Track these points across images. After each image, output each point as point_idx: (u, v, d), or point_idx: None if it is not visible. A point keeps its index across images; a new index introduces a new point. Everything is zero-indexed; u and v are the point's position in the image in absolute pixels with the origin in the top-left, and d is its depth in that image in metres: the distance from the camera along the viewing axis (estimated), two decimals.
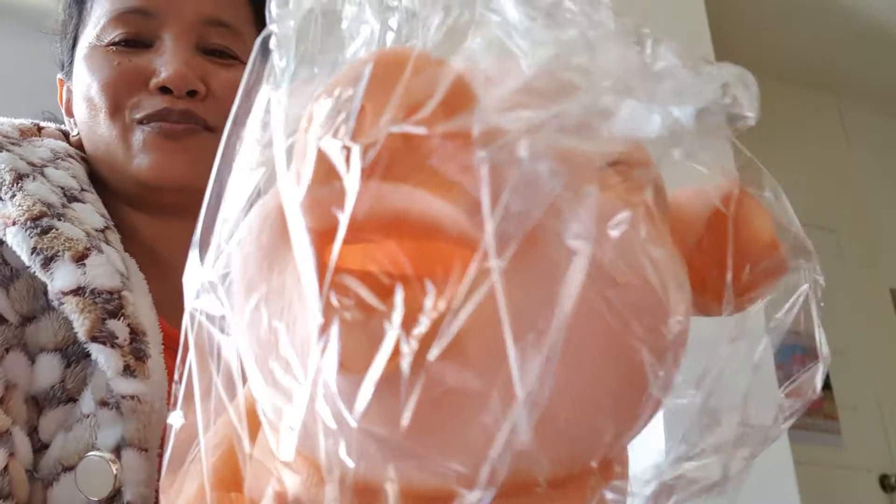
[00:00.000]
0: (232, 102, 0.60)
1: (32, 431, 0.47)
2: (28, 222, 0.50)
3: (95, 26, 0.63)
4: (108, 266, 0.50)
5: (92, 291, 0.48)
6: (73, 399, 0.48)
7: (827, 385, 2.78)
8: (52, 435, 0.47)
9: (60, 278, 0.48)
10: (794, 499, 1.84)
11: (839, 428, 2.70)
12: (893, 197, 3.36)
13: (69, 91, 0.68)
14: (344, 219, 0.20)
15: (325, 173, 0.21)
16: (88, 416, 0.46)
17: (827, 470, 2.54)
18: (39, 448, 0.47)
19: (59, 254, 0.49)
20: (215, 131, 0.61)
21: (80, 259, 0.49)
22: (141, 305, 0.53)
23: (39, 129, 0.66)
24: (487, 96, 0.22)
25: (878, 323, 3.03)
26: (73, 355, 0.48)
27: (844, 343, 2.90)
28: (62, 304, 0.48)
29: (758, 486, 1.62)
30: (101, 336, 0.47)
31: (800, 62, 3.28)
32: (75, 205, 0.55)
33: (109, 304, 0.48)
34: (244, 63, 0.63)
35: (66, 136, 0.68)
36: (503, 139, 0.20)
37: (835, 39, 3.15)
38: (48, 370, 0.48)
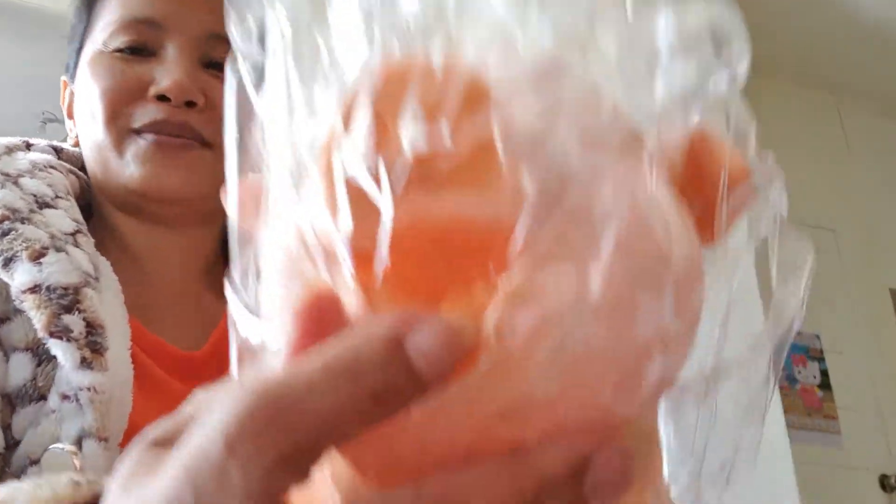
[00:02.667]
0: None
1: (6, 429, 0.49)
2: None
3: (103, 32, 0.64)
4: (66, 264, 0.52)
5: (47, 288, 0.50)
6: (43, 397, 0.49)
7: (827, 385, 2.78)
8: (24, 432, 0.48)
9: (19, 277, 0.50)
10: (794, 499, 1.84)
11: (839, 428, 2.70)
12: (893, 197, 3.36)
13: (72, 94, 0.69)
14: (382, 245, 0.21)
15: (360, 198, 0.21)
16: (55, 411, 0.48)
17: (827, 470, 2.54)
18: (12, 445, 0.48)
19: (18, 254, 0.51)
20: (211, 147, 0.62)
21: (37, 258, 0.51)
22: (108, 303, 0.54)
23: (28, 145, 0.67)
24: (498, 88, 0.22)
25: (877, 323, 3.03)
26: (43, 354, 0.50)
27: (844, 343, 2.90)
28: (22, 302, 0.49)
29: (758, 485, 1.62)
30: (58, 331, 0.48)
31: (799, 62, 3.28)
32: (46, 210, 0.57)
33: (64, 300, 0.49)
34: None
35: (56, 151, 0.69)
36: (526, 129, 0.21)
37: (834, 40, 3.15)
38: (20, 369, 0.50)
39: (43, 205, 0.57)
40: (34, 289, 0.49)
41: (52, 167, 0.63)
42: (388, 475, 0.21)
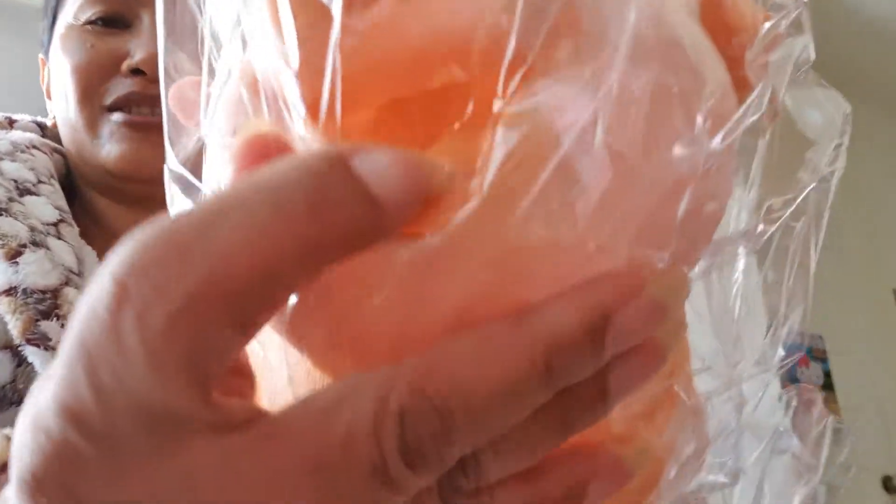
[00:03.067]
0: None
1: None
2: None
3: (73, 4, 0.61)
4: (45, 263, 0.49)
5: (24, 291, 0.47)
6: (23, 400, 0.47)
7: (829, 386, 2.77)
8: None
9: None
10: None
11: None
12: (895, 197, 3.35)
13: (49, 73, 0.66)
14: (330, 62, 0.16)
15: (307, 5, 0.17)
16: None
17: (828, 470, 2.53)
18: None
19: None
20: None
21: (13, 257, 0.48)
22: None
23: (11, 122, 0.65)
24: None
25: (880, 323, 3.02)
26: (24, 355, 0.47)
27: (846, 343, 2.89)
28: None
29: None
30: (34, 338, 0.46)
31: None
32: (27, 198, 0.54)
33: (42, 305, 0.47)
34: None
35: (41, 127, 0.66)
36: None
37: (836, 39, 3.14)
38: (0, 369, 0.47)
39: (24, 191, 0.54)
40: (9, 291, 0.47)
41: (35, 147, 0.61)
42: (360, 349, 0.17)
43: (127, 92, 0.58)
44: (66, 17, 0.61)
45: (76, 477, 0.15)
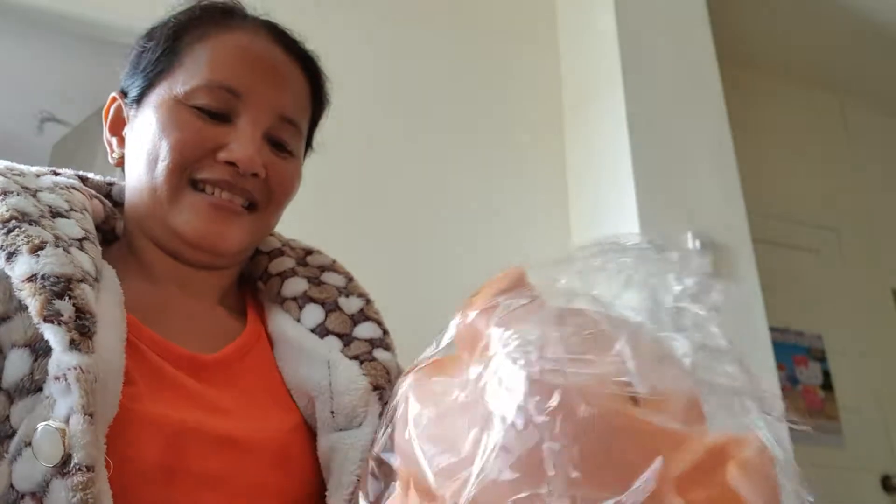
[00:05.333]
0: (281, 190, 0.71)
1: (5, 420, 0.51)
2: None
3: (184, 84, 0.68)
4: (63, 257, 0.55)
5: (42, 276, 0.53)
6: (40, 388, 0.51)
7: (828, 385, 2.77)
8: (20, 421, 0.50)
9: (18, 268, 0.53)
10: None
11: (840, 429, 2.69)
12: (895, 196, 3.35)
13: (122, 113, 0.74)
14: None
15: None
16: (48, 397, 0.50)
17: (828, 471, 2.53)
18: (10, 434, 0.50)
19: (20, 248, 0.54)
20: (257, 209, 0.70)
21: (35, 251, 0.54)
22: (106, 302, 0.57)
23: (56, 174, 0.71)
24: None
25: (879, 323, 3.02)
26: (41, 350, 0.52)
27: (846, 343, 2.89)
28: (21, 291, 0.52)
29: None
30: (50, 315, 0.51)
31: (801, 62, 3.28)
32: (58, 220, 0.60)
33: (56, 287, 0.52)
34: (296, 157, 0.74)
35: (81, 179, 0.73)
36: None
37: (836, 39, 3.15)
38: (18, 363, 0.52)
39: (56, 214, 0.60)
40: (31, 278, 0.52)
41: (74, 188, 0.67)
42: None
43: (218, 177, 0.67)
44: (174, 89, 0.69)
45: None
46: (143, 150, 0.68)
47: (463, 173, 2.27)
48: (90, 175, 0.76)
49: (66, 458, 0.47)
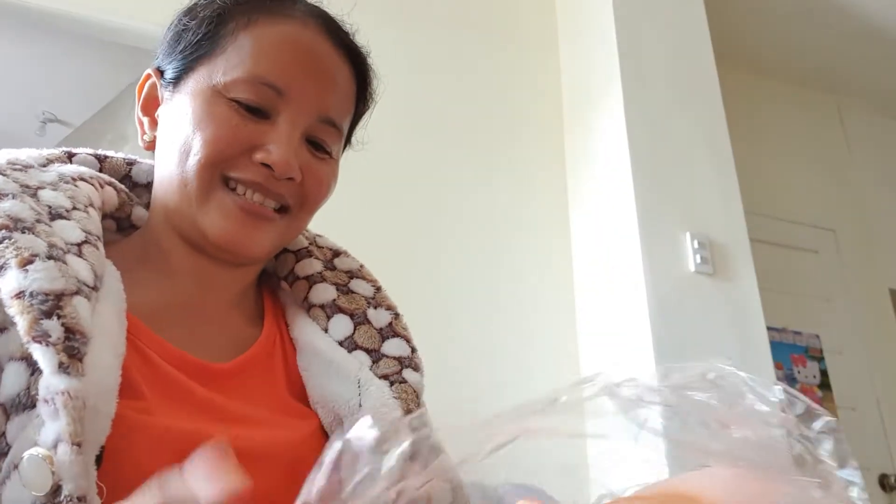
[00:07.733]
0: (316, 193, 0.67)
1: (0, 436, 0.49)
2: None
3: (225, 75, 0.64)
4: (53, 271, 0.52)
5: (30, 294, 0.50)
6: (34, 405, 0.49)
7: (826, 385, 2.78)
8: (14, 439, 0.48)
9: (6, 284, 0.51)
10: None
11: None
12: (893, 197, 3.36)
13: (156, 92, 0.69)
14: None
15: None
16: (38, 416, 0.48)
17: None
18: (5, 452, 0.48)
19: (8, 262, 0.51)
20: (289, 212, 0.67)
21: (24, 265, 0.51)
22: (102, 313, 0.54)
23: (70, 155, 0.68)
24: None
25: (877, 323, 3.03)
26: (36, 365, 0.49)
27: (843, 343, 2.90)
28: (9, 308, 0.50)
29: None
30: (38, 335, 0.48)
31: (800, 63, 3.29)
32: (57, 222, 0.57)
33: (44, 305, 0.50)
34: (334, 158, 0.69)
35: (100, 160, 0.70)
36: None
37: (835, 41, 3.15)
38: (15, 377, 0.50)
39: (56, 216, 0.57)
40: (19, 294, 0.50)
41: (82, 179, 0.64)
42: None
43: (251, 178, 0.63)
44: (213, 77, 0.65)
45: None
46: (176, 140, 0.65)
47: (463, 174, 2.27)
48: (110, 153, 0.71)
49: (56, 489, 0.45)
